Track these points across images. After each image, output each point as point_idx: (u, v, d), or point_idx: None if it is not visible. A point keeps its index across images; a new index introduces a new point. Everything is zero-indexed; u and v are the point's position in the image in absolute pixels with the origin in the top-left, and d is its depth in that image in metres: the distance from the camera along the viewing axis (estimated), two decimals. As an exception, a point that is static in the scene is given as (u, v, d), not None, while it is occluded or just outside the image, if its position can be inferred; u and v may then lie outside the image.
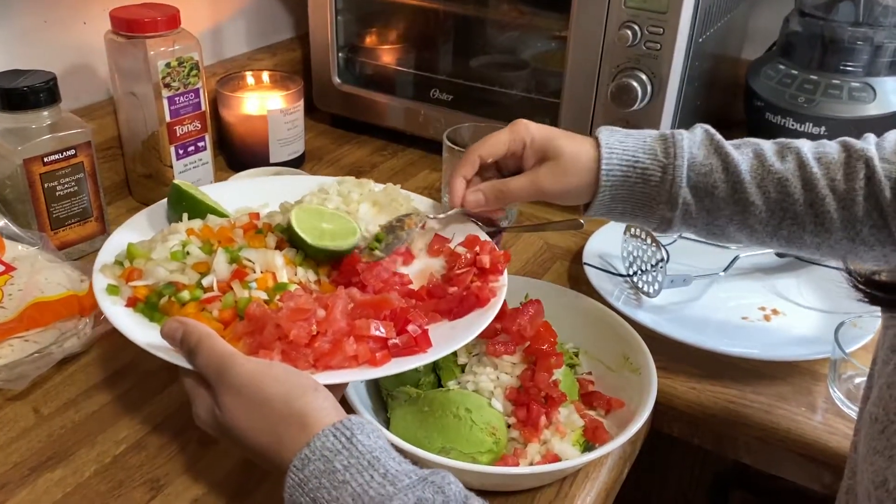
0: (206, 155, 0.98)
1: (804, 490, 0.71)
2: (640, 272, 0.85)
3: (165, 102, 0.92)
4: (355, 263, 0.65)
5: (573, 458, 0.61)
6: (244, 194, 0.77)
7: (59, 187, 0.84)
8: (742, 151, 0.66)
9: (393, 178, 1.10)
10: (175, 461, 0.63)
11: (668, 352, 0.75)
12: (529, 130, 0.69)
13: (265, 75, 1.11)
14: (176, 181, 0.74)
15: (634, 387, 0.67)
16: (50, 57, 0.92)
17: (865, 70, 0.96)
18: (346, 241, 0.67)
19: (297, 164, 1.09)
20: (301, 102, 1.08)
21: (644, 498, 0.92)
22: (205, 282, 0.61)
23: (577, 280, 0.88)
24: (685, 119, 0.98)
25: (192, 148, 0.96)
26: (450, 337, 0.60)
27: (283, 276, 0.63)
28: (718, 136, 0.68)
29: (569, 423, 0.64)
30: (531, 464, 0.61)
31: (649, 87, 0.92)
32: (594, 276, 0.85)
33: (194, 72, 0.93)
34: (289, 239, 0.67)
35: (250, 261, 0.63)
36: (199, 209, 0.72)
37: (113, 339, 0.76)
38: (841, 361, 0.71)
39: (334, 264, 0.67)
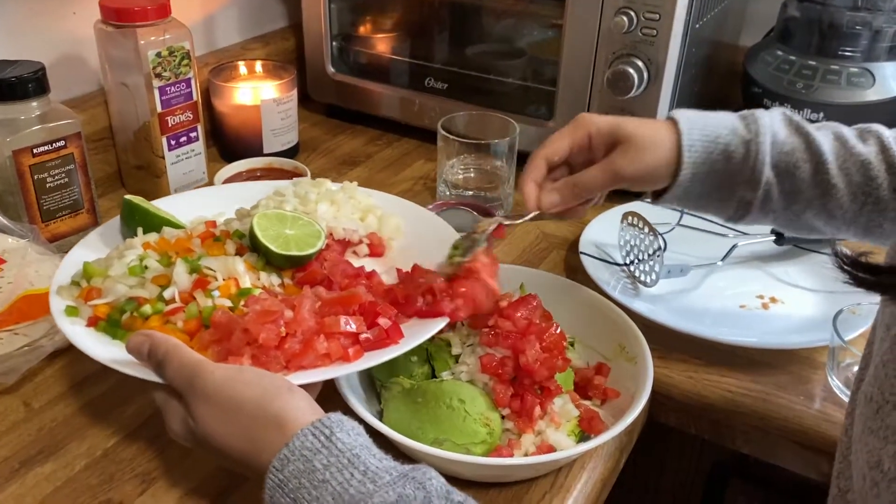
0: (199, 146, 0.97)
1: (802, 479, 0.71)
2: (636, 261, 0.84)
3: (157, 92, 0.91)
4: (321, 263, 0.65)
5: (568, 448, 0.60)
6: (197, 205, 0.76)
7: (49, 179, 0.83)
8: (823, 132, 0.64)
9: (388, 168, 1.10)
10: (166, 454, 0.63)
11: (664, 341, 0.75)
12: (593, 121, 0.67)
13: (258, 65, 1.10)
14: (127, 196, 0.73)
15: (630, 376, 0.66)
16: (39, 48, 0.91)
17: (864, 55, 0.95)
18: (312, 246, 0.66)
19: (290, 154, 1.08)
20: (294, 92, 1.07)
21: (641, 488, 0.92)
22: (166, 294, 0.61)
23: (574, 269, 0.87)
24: (683, 105, 0.97)
25: (184, 138, 0.95)
26: (422, 325, 0.60)
27: (247, 282, 0.63)
28: (798, 117, 0.65)
29: (564, 413, 0.63)
30: (525, 454, 0.61)
31: (646, 74, 0.92)
32: (591, 266, 0.84)
33: (185, 61, 0.92)
34: (250, 245, 0.67)
35: (211, 269, 0.63)
36: (153, 223, 0.71)
37: (104, 331, 0.75)
38: (839, 349, 0.70)
39: (298, 268, 0.66)
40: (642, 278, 0.83)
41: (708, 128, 0.64)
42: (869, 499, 0.45)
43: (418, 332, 0.60)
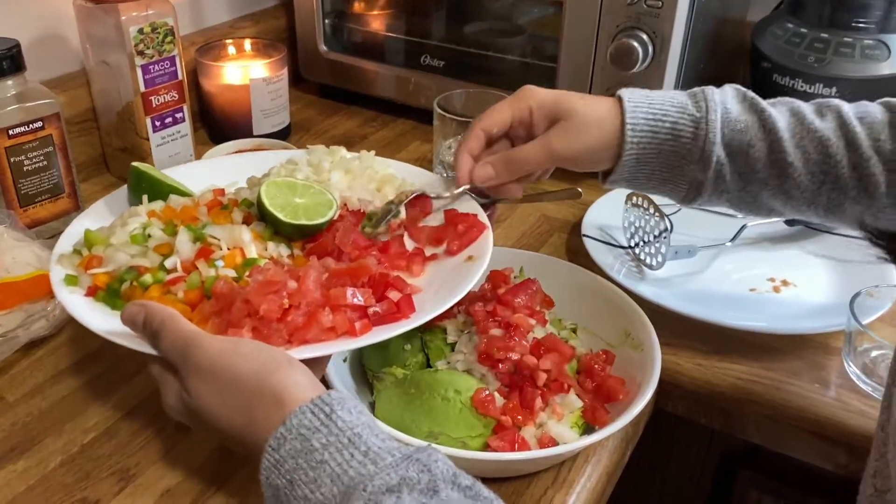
0: (185, 127, 0.94)
1: (817, 470, 0.67)
2: (642, 243, 0.81)
3: (139, 71, 0.87)
4: (332, 234, 0.60)
5: (571, 441, 0.57)
6: (210, 174, 0.72)
7: (26, 162, 0.79)
8: (778, 109, 0.61)
9: (383, 149, 1.06)
10: (147, 449, 0.60)
11: (672, 327, 0.71)
12: (535, 95, 0.64)
13: (247, 43, 1.06)
14: (134, 164, 0.69)
15: (636, 364, 0.63)
16: (17, 26, 0.87)
17: (879, 27, 0.91)
18: (322, 215, 0.62)
19: (282, 136, 1.05)
20: (285, 71, 1.03)
21: (647, 480, 0.89)
22: (168, 263, 0.57)
23: (576, 253, 0.83)
24: (688, 83, 0.93)
25: (169, 119, 0.91)
26: (434, 301, 0.56)
27: (252, 252, 0.59)
28: (752, 94, 0.62)
29: (566, 404, 0.59)
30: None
31: (650, 48, 0.87)
32: (594, 249, 0.80)
33: (169, 38, 0.88)
34: (259, 215, 0.63)
35: (216, 238, 0.59)
36: (160, 191, 0.67)
37: (84, 320, 0.72)
38: (857, 333, 0.67)
39: (309, 239, 0.62)
40: (648, 261, 0.79)
41: (654, 106, 0.61)
42: None
43: (433, 306, 0.55)
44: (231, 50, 1.05)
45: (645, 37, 0.87)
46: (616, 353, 0.65)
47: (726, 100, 0.61)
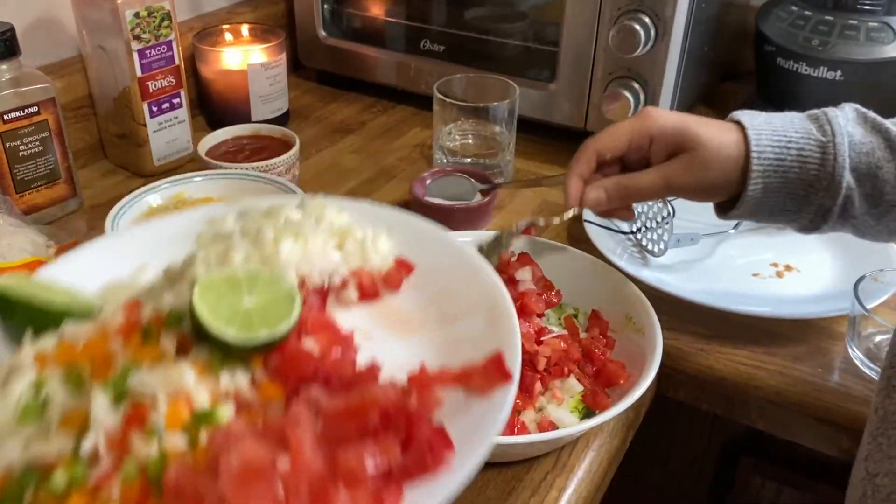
0: (182, 112, 0.93)
1: (820, 456, 0.67)
2: (644, 229, 0.80)
3: (136, 56, 0.86)
4: (299, 336, 0.44)
5: (571, 425, 0.56)
6: (109, 261, 0.53)
7: (22, 147, 0.79)
8: None
9: (383, 135, 1.05)
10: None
11: (674, 311, 0.70)
12: (657, 120, 0.60)
13: (245, 29, 1.05)
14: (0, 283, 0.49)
15: (638, 349, 0.62)
16: (13, 11, 0.85)
17: (885, 9, 0.89)
18: (286, 315, 0.44)
19: (280, 122, 1.04)
20: (283, 56, 1.02)
21: (648, 466, 0.88)
22: (85, 446, 0.38)
23: (578, 239, 0.82)
24: (692, 66, 0.92)
25: (166, 105, 0.91)
26: (475, 425, 0.40)
27: (203, 399, 0.41)
28: (872, 113, 0.59)
29: (566, 388, 0.59)
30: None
31: (653, 31, 0.86)
32: (595, 234, 0.80)
33: (166, 22, 0.87)
34: (194, 330, 0.44)
35: (146, 390, 0.40)
36: (43, 317, 0.47)
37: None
38: (861, 318, 0.66)
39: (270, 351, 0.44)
40: (650, 247, 0.79)
41: (777, 132, 0.57)
42: None
43: (474, 436, 0.40)
44: (229, 35, 1.04)
45: (647, 20, 0.86)
46: (617, 338, 0.65)
47: (848, 122, 0.58)
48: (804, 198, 0.58)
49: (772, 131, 0.58)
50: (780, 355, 0.68)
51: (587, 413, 0.59)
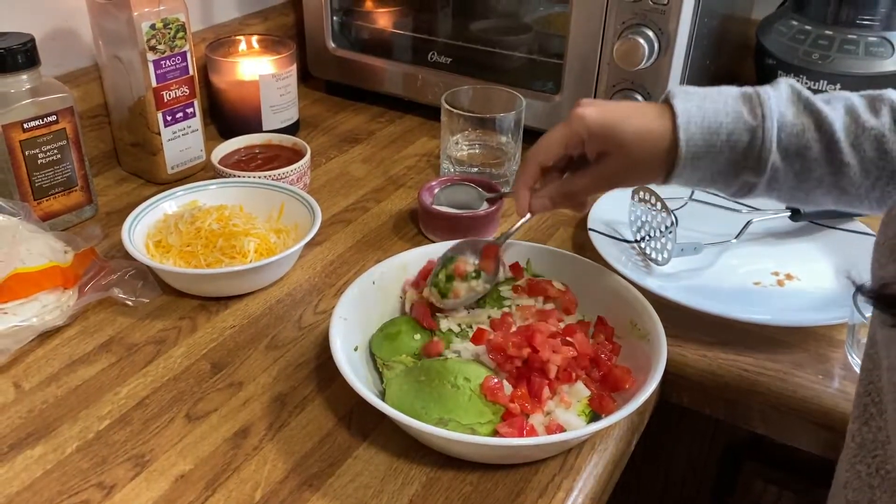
0: (196, 122, 0.95)
1: (821, 460, 0.68)
2: (648, 238, 0.81)
3: (151, 66, 0.88)
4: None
5: (578, 428, 0.57)
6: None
7: (40, 155, 0.80)
8: (833, 107, 0.59)
9: (391, 145, 1.07)
10: (161, 436, 0.61)
11: (677, 319, 0.72)
12: (585, 122, 0.62)
13: (256, 40, 1.07)
14: None
15: (643, 354, 0.63)
16: (31, 21, 0.88)
17: (883, 24, 0.91)
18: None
19: (291, 131, 1.06)
20: (293, 67, 1.04)
21: (652, 470, 0.89)
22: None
23: (583, 247, 0.84)
24: (694, 79, 0.94)
25: (180, 114, 0.92)
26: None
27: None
28: (807, 92, 0.61)
29: (574, 393, 0.60)
30: (534, 435, 0.58)
31: (656, 45, 0.88)
32: (600, 243, 0.81)
33: (181, 34, 0.89)
34: None
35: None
36: None
37: (98, 311, 0.73)
38: (860, 326, 0.68)
39: None
40: (654, 256, 0.80)
41: (708, 118, 0.59)
42: None
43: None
44: (241, 46, 1.06)
45: (651, 34, 0.88)
46: (622, 344, 0.66)
47: (781, 102, 0.60)
48: (730, 174, 0.61)
49: (702, 117, 0.60)
50: (782, 362, 0.70)
51: (594, 417, 0.60)
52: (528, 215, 0.69)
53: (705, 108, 0.60)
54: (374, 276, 0.70)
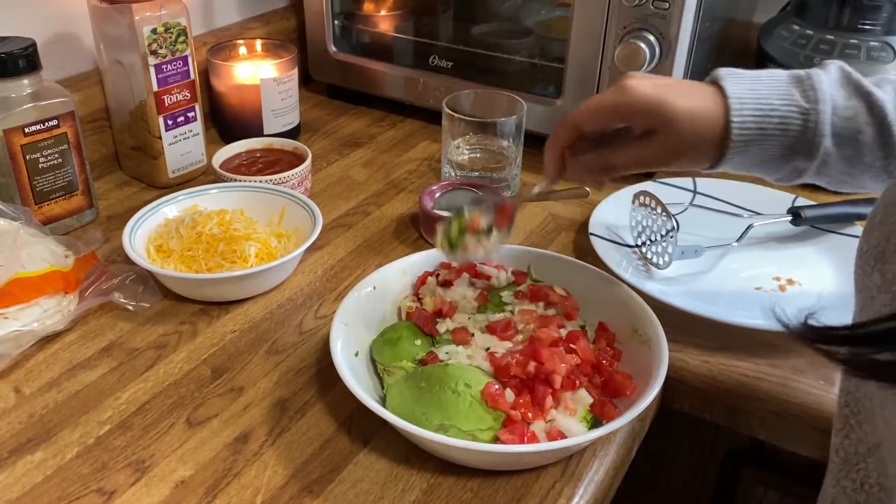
0: (197, 126, 0.95)
1: (822, 466, 0.68)
2: (648, 242, 0.81)
3: (152, 70, 0.88)
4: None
5: (580, 435, 0.57)
6: None
7: (41, 159, 0.80)
8: (884, 90, 0.58)
9: (392, 149, 1.07)
10: (161, 442, 0.61)
11: (678, 324, 0.72)
12: (635, 94, 0.59)
13: (257, 44, 1.07)
14: None
15: (644, 360, 0.63)
16: (32, 25, 0.88)
17: (884, 28, 0.91)
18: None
19: (292, 135, 1.06)
20: (295, 71, 1.04)
21: (653, 475, 0.89)
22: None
23: (583, 251, 0.84)
24: (695, 83, 0.94)
25: (181, 118, 0.93)
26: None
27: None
28: (856, 74, 0.59)
29: (577, 400, 0.60)
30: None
31: (657, 49, 0.88)
32: (601, 248, 0.81)
33: (182, 38, 0.89)
34: None
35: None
36: None
37: (98, 316, 0.73)
38: (861, 332, 0.67)
39: None
40: (654, 260, 0.80)
41: (761, 99, 0.57)
42: None
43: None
44: (242, 50, 1.06)
45: (652, 38, 0.88)
46: (623, 349, 0.66)
47: (832, 86, 0.58)
48: (782, 158, 0.59)
49: (755, 99, 0.58)
50: (782, 367, 0.70)
51: (595, 423, 0.60)
52: (553, 181, 0.65)
53: (757, 90, 0.58)
54: (374, 281, 0.70)
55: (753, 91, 0.58)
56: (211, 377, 0.67)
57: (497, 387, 0.59)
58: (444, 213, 0.85)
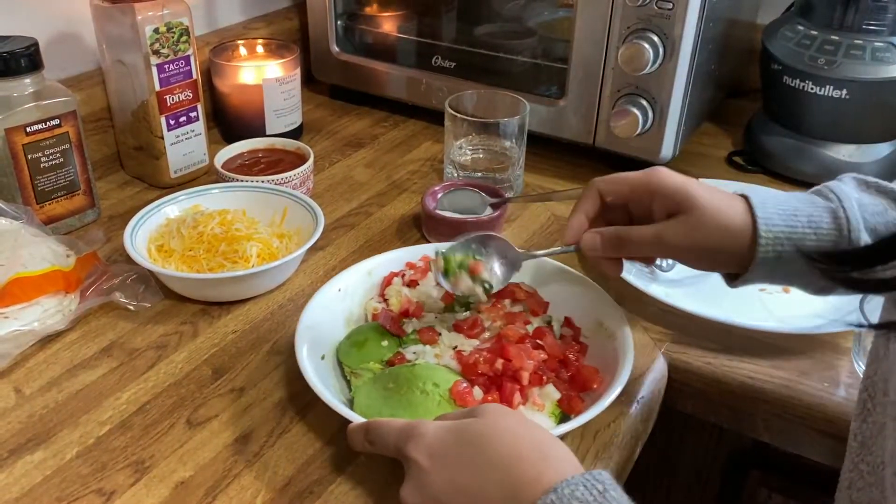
0: (199, 126, 0.94)
1: (826, 469, 0.67)
2: (652, 243, 0.81)
3: (155, 70, 0.88)
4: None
5: (548, 430, 0.56)
6: None
7: (43, 159, 0.80)
8: None
9: (395, 149, 1.07)
10: (161, 442, 0.60)
11: (681, 325, 0.71)
12: (662, 178, 0.59)
13: (260, 44, 1.07)
14: None
15: (610, 354, 0.63)
16: (34, 25, 0.88)
17: (890, 29, 0.91)
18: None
19: (294, 136, 1.05)
20: (297, 71, 1.04)
21: (656, 478, 0.89)
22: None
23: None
24: (699, 84, 0.94)
25: (183, 118, 0.92)
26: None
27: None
28: (872, 178, 0.59)
29: (545, 395, 0.60)
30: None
31: (661, 50, 0.88)
32: (604, 248, 0.81)
33: (184, 38, 0.89)
34: None
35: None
36: None
37: (99, 316, 0.73)
38: (866, 333, 0.67)
39: None
40: (659, 262, 0.80)
41: (782, 203, 0.57)
42: None
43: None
44: (244, 50, 1.06)
45: (656, 38, 0.88)
46: (590, 343, 0.66)
47: (851, 189, 0.58)
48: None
49: (776, 203, 0.57)
50: (787, 369, 0.69)
51: (564, 417, 0.60)
52: (573, 245, 0.64)
53: (778, 196, 0.58)
54: (339, 284, 0.69)
55: (775, 197, 0.58)
56: (212, 377, 0.67)
57: (465, 385, 0.59)
58: (449, 216, 0.84)
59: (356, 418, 0.56)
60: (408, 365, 0.62)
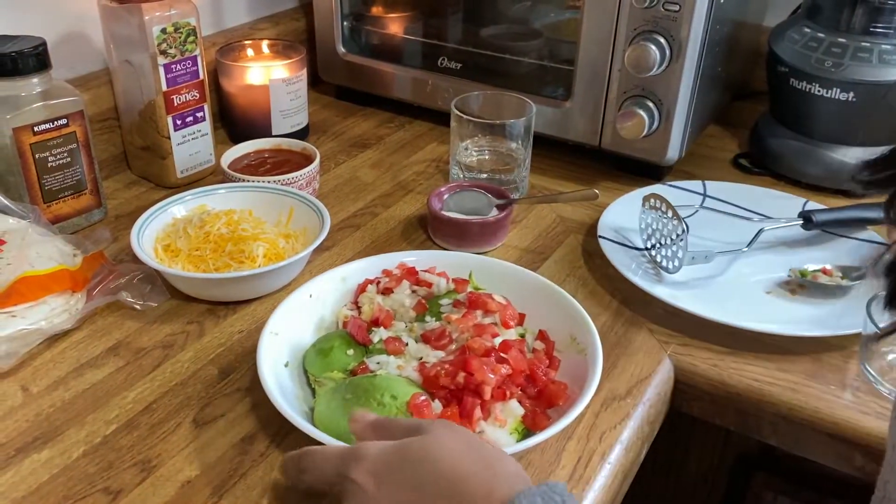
0: (206, 126, 0.95)
1: (832, 472, 0.67)
2: (658, 245, 0.81)
3: (162, 70, 0.88)
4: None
5: (507, 446, 0.55)
6: None
7: (50, 158, 0.80)
8: None
9: (400, 150, 1.07)
10: (168, 442, 0.60)
11: (687, 328, 0.71)
12: None
13: (266, 44, 1.07)
14: None
15: (580, 369, 0.61)
16: (42, 25, 0.88)
17: (897, 32, 0.91)
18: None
19: (300, 136, 1.06)
20: (304, 72, 1.04)
21: (662, 481, 0.89)
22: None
23: (592, 254, 0.84)
24: (705, 86, 0.94)
25: (190, 118, 0.93)
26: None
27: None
28: None
29: (507, 411, 0.58)
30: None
31: (668, 51, 0.88)
32: (610, 250, 0.81)
33: (191, 38, 0.89)
34: None
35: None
36: None
37: (106, 315, 0.73)
38: (873, 336, 0.67)
39: None
40: (664, 264, 0.80)
41: None
42: None
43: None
44: (251, 51, 1.06)
45: (662, 40, 0.88)
46: (562, 358, 0.64)
47: None
48: None
49: None
50: (793, 372, 0.69)
51: (527, 434, 0.58)
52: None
53: None
54: (310, 289, 0.69)
55: None
56: (218, 377, 0.67)
57: (424, 398, 0.57)
58: (453, 215, 0.84)
59: (312, 431, 0.54)
60: (368, 376, 0.60)
